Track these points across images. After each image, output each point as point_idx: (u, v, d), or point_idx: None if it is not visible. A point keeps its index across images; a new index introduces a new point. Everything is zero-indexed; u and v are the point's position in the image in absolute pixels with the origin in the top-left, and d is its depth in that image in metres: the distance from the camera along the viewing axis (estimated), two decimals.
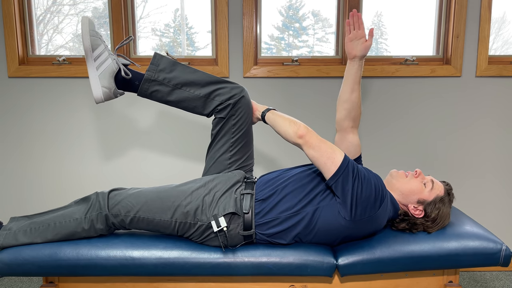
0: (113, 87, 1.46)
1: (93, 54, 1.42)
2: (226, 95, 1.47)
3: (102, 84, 1.44)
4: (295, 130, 1.36)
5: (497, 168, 2.18)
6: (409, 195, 1.42)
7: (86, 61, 1.44)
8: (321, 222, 1.34)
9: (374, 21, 2.20)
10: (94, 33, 1.43)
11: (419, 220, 1.41)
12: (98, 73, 1.43)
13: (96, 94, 1.44)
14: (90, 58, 1.43)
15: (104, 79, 1.44)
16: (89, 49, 1.41)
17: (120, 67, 1.45)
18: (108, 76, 1.44)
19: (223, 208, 1.35)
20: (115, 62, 1.45)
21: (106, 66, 1.43)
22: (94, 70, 1.43)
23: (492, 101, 2.13)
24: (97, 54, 1.43)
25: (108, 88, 1.45)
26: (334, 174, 1.30)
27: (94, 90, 1.44)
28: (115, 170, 2.18)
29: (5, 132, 2.15)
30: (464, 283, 2.09)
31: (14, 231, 1.39)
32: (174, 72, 1.47)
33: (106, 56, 1.44)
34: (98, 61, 1.43)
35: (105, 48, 1.45)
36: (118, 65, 1.46)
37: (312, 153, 1.33)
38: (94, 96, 1.44)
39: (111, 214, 1.37)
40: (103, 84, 1.44)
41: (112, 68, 1.44)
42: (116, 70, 1.45)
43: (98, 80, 1.43)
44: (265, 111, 1.49)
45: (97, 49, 1.43)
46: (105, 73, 1.43)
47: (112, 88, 1.46)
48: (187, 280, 1.40)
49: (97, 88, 1.44)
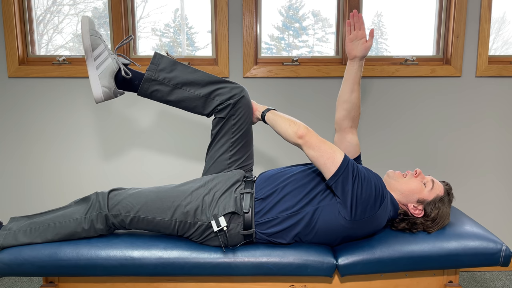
0: (113, 86, 1.45)
1: (93, 53, 1.42)
2: (226, 95, 1.47)
3: (102, 83, 1.43)
4: (295, 130, 1.35)
5: (497, 168, 2.18)
6: (409, 195, 1.42)
7: (86, 61, 1.43)
8: (321, 222, 1.34)
9: (374, 21, 2.20)
10: (94, 32, 1.43)
11: (419, 219, 1.41)
12: (98, 73, 1.43)
13: (96, 94, 1.44)
14: (90, 58, 1.42)
15: (104, 78, 1.43)
16: (89, 48, 1.41)
17: (120, 66, 1.45)
18: (108, 76, 1.43)
19: (223, 207, 1.35)
20: (115, 62, 1.44)
21: (106, 65, 1.43)
22: (94, 70, 1.43)
23: (492, 101, 2.13)
24: (97, 54, 1.43)
25: (108, 88, 1.45)
26: (334, 174, 1.30)
27: (94, 89, 1.43)
28: (115, 170, 2.18)
29: (5, 132, 2.15)
30: (464, 283, 2.09)
31: (14, 231, 1.39)
32: (174, 72, 1.47)
33: (106, 55, 1.44)
34: (98, 61, 1.43)
35: (105, 47, 1.45)
36: (118, 65, 1.45)
37: (312, 153, 1.33)
38: (94, 95, 1.44)
39: (111, 214, 1.37)
40: (103, 83, 1.43)
41: (112, 68, 1.44)
42: (116, 69, 1.44)
43: (98, 80, 1.43)
44: (265, 111, 1.49)
45: (97, 48, 1.43)
46: (105, 73, 1.43)
47: (112, 88, 1.45)
48: (187, 280, 1.40)
49: (97, 88, 1.43)
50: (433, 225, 1.41)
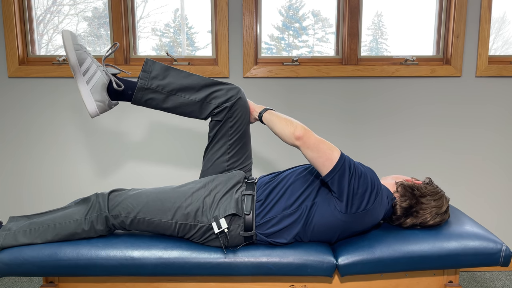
0: (107, 99, 1.42)
1: (80, 68, 1.37)
2: (222, 97, 1.45)
3: (95, 98, 1.39)
4: (292, 131, 1.33)
5: (497, 168, 2.18)
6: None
7: (75, 77, 1.38)
8: (317, 216, 1.34)
9: (374, 21, 2.20)
10: (79, 46, 1.38)
11: (407, 201, 1.41)
12: (89, 88, 1.38)
13: (90, 109, 1.40)
14: (79, 73, 1.37)
15: (96, 93, 1.39)
16: (76, 64, 1.36)
17: (111, 78, 1.41)
18: (100, 89, 1.39)
19: (224, 209, 1.34)
20: (104, 74, 1.40)
21: (97, 79, 1.39)
22: (84, 85, 1.38)
23: (492, 101, 2.13)
24: (85, 68, 1.38)
25: (102, 102, 1.41)
26: (330, 172, 1.30)
27: (88, 105, 1.39)
28: (115, 170, 2.18)
29: (5, 132, 2.15)
30: (464, 283, 2.09)
31: (13, 232, 1.38)
32: (167, 78, 1.44)
33: (94, 68, 1.39)
34: (87, 75, 1.38)
35: (92, 60, 1.40)
36: (108, 77, 1.41)
37: (310, 154, 1.32)
38: (88, 111, 1.40)
39: (111, 216, 1.37)
40: (96, 98, 1.39)
41: (103, 80, 1.39)
42: (107, 82, 1.40)
43: (90, 95, 1.38)
44: (262, 111, 1.47)
45: (84, 63, 1.38)
46: (97, 87, 1.39)
47: (106, 101, 1.42)
48: (187, 280, 1.40)
49: (91, 103, 1.39)
50: (427, 202, 1.40)
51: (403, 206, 1.41)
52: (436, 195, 1.42)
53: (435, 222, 1.42)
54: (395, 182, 1.48)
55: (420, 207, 1.41)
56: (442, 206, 1.42)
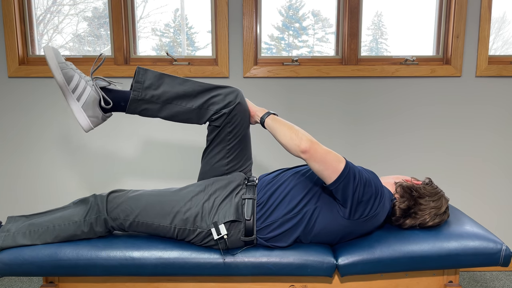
0: (100, 114, 1.39)
1: (69, 87, 1.34)
2: (220, 103, 1.39)
3: (88, 114, 1.37)
4: (298, 144, 1.27)
5: (497, 168, 2.18)
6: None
7: (64, 96, 1.35)
8: (320, 221, 1.33)
9: (374, 21, 2.20)
10: (64, 64, 1.34)
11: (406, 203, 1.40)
12: (80, 104, 1.36)
13: (84, 126, 1.37)
14: (68, 92, 1.34)
15: (88, 109, 1.36)
16: (64, 83, 1.33)
17: (100, 96, 1.38)
18: (92, 105, 1.37)
19: (224, 215, 1.32)
20: (94, 89, 1.37)
21: (87, 95, 1.36)
22: (75, 103, 1.35)
23: (492, 101, 2.13)
24: (73, 86, 1.35)
25: (95, 116, 1.38)
26: (334, 181, 1.27)
27: (81, 122, 1.36)
28: (115, 170, 2.18)
29: (5, 132, 2.15)
30: (464, 283, 2.09)
31: (12, 233, 1.38)
32: (162, 87, 1.38)
33: (83, 85, 1.36)
34: (77, 93, 1.35)
35: (80, 77, 1.36)
36: (98, 94, 1.38)
37: (316, 166, 1.27)
38: (82, 127, 1.37)
39: (110, 218, 1.36)
40: (89, 114, 1.37)
41: (94, 96, 1.36)
42: (99, 97, 1.38)
43: (82, 112, 1.36)
44: (264, 116, 1.41)
45: (72, 81, 1.34)
46: (88, 103, 1.36)
47: (100, 115, 1.39)
48: (187, 280, 1.40)
49: (84, 120, 1.37)
50: (427, 201, 1.40)
51: (402, 208, 1.40)
52: (435, 195, 1.41)
53: (434, 223, 1.41)
54: (394, 182, 1.47)
55: (419, 208, 1.40)
56: (441, 207, 1.42)
